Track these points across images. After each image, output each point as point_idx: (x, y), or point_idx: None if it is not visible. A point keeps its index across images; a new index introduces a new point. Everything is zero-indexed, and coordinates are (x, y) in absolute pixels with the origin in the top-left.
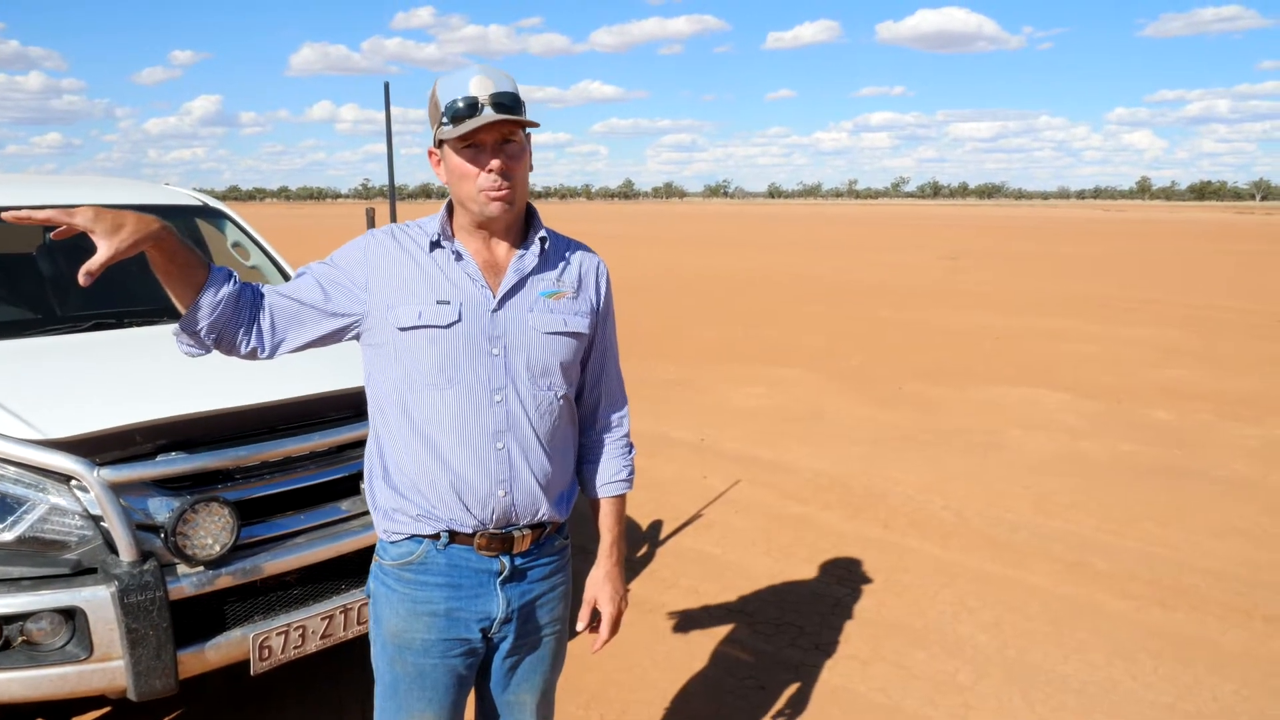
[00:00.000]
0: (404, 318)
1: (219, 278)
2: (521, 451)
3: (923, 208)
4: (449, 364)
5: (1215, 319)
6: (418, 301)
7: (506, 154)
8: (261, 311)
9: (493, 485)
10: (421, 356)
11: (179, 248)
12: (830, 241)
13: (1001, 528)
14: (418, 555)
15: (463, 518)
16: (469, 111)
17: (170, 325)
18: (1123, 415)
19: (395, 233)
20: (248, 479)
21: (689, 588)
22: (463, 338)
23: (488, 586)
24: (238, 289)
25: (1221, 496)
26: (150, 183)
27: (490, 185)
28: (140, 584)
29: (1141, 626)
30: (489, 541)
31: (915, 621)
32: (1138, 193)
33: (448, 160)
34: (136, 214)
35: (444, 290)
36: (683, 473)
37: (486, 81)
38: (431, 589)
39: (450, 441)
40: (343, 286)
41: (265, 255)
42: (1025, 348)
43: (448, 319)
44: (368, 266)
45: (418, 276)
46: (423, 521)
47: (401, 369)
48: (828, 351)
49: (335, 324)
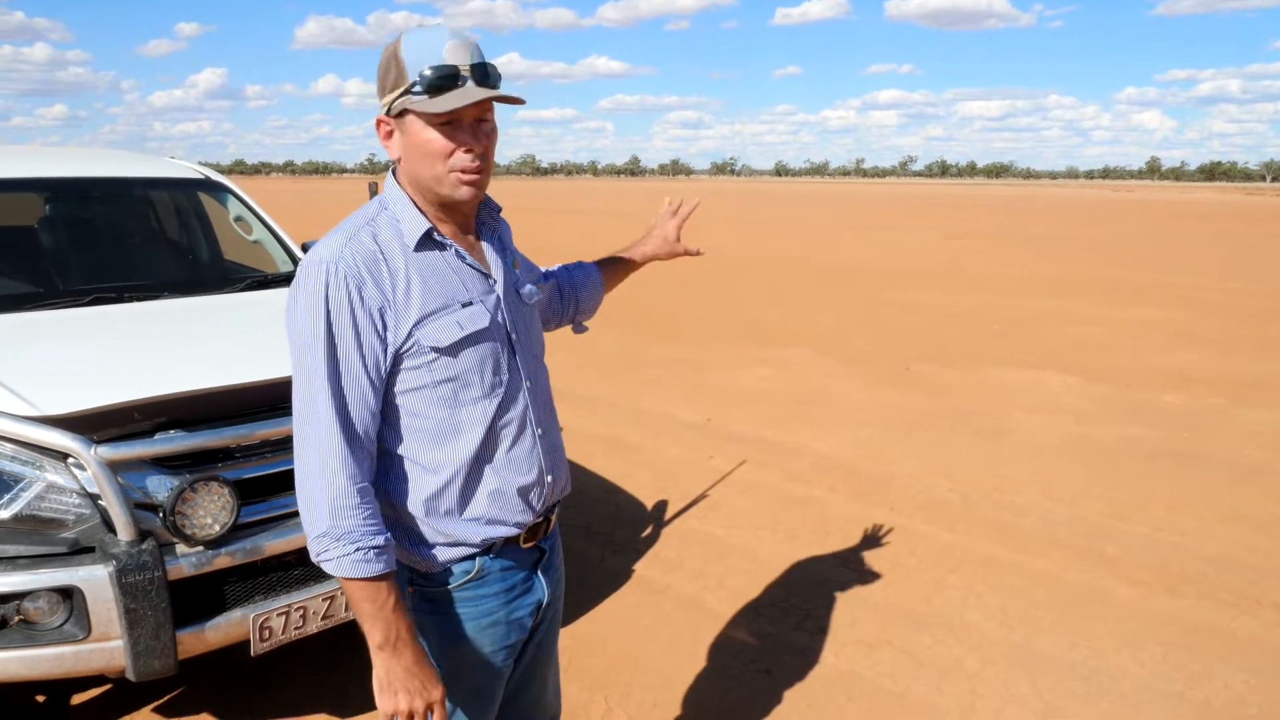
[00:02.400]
0: (444, 334)
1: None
2: (551, 431)
3: (930, 186)
4: (496, 367)
5: (1225, 302)
6: (447, 312)
7: (484, 132)
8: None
9: (542, 474)
10: (469, 369)
11: None
12: (837, 221)
13: (1009, 512)
14: (475, 572)
15: (524, 516)
16: (448, 83)
17: (173, 300)
18: (1131, 399)
19: (364, 247)
20: (247, 457)
21: (694, 569)
22: (497, 335)
23: (532, 578)
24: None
25: (1231, 482)
26: (154, 156)
27: (466, 166)
28: (138, 564)
29: (1150, 614)
30: (535, 532)
31: (921, 606)
32: (1147, 173)
33: (411, 134)
34: None
35: (459, 290)
36: (688, 454)
37: (462, 49)
38: (489, 600)
39: (504, 448)
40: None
41: (268, 230)
42: (1033, 330)
43: (484, 320)
44: (379, 296)
45: (430, 284)
46: (486, 537)
47: (445, 393)
48: (835, 333)
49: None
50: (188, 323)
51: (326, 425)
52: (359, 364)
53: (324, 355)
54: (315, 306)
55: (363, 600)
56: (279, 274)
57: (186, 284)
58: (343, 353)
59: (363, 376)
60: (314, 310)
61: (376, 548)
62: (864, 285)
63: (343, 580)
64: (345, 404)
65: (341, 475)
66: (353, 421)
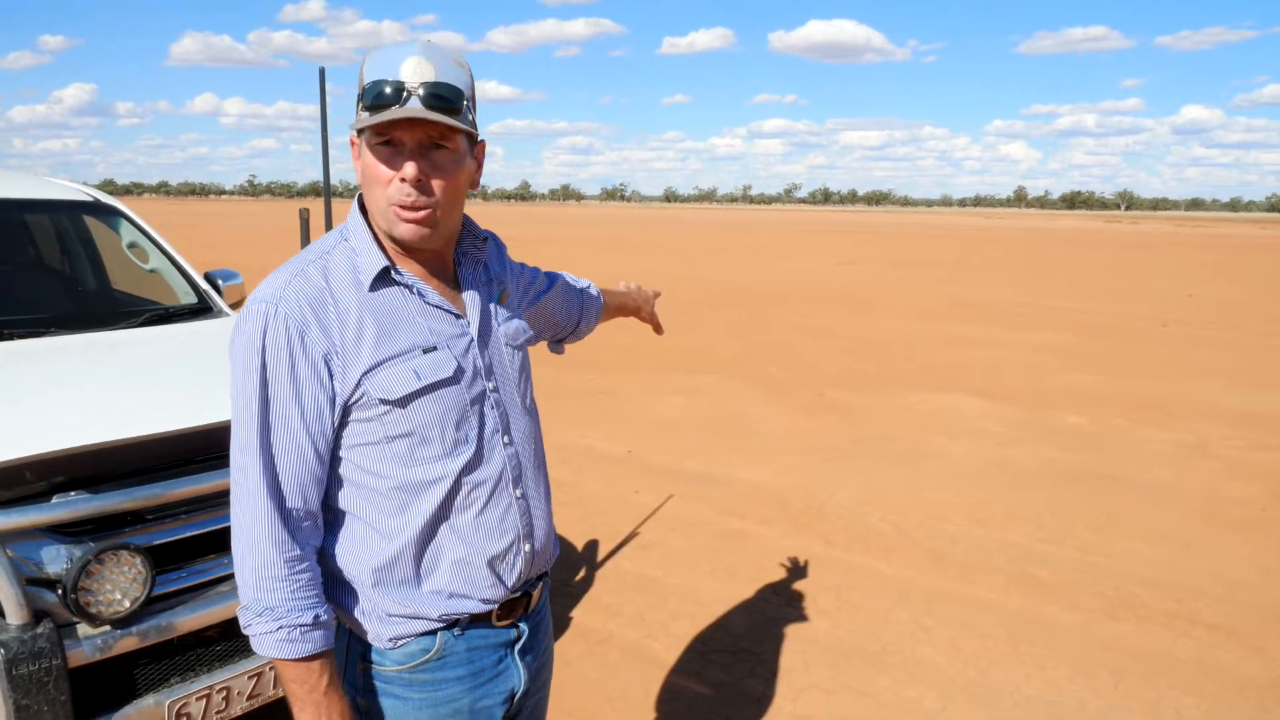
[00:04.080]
0: (396, 385)
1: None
2: (536, 493)
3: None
4: (461, 421)
5: (1104, 324)
6: (403, 359)
7: (431, 161)
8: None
9: (519, 543)
10: (427, 425)
11: None
12: (730, 246)
13: (942, 540)
14: (435, 651)
15: (493, 591)
16: (389, 99)
17: (61, 337)
18: (1039, 421)
19: (309, 286)
20: (161, 519)
21: (635, 615)
22: (465, 385)
23: (506, 660)
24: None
25: (1146, 502)
26: (32, 175)
27: (400, 198)
28: (32, 651)
29: (1095, 640)
30: (510, 610)
31: (872, 644)
32: (1015, 201)
33: (362, 156)
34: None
35: (422, 334)
36: (612, 489)
37: (424, 66)
38: (452, 685)
39: (472, 512)
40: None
41: (165, 256)
42: (935, 353)
43: (448, 368)
44: (321, 344)
45: (385, 326)
46: (446, 613)
47: (400, 449)
48: (743, 358)
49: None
50: (83, 363)
51: (256, 486)
52: (297, 419)
53: (257, 408)
54: (250, 353)
55: (291, 680)
56: (180, 306)
57: (75, 319)
58: (278, 406)
59: (301, 433)
60: (249, 357)
61: (303, 625)
62: (765, 310)
63: (272, 659)
64: (277, 463)
65: (267, 543)
66: (285, 483)
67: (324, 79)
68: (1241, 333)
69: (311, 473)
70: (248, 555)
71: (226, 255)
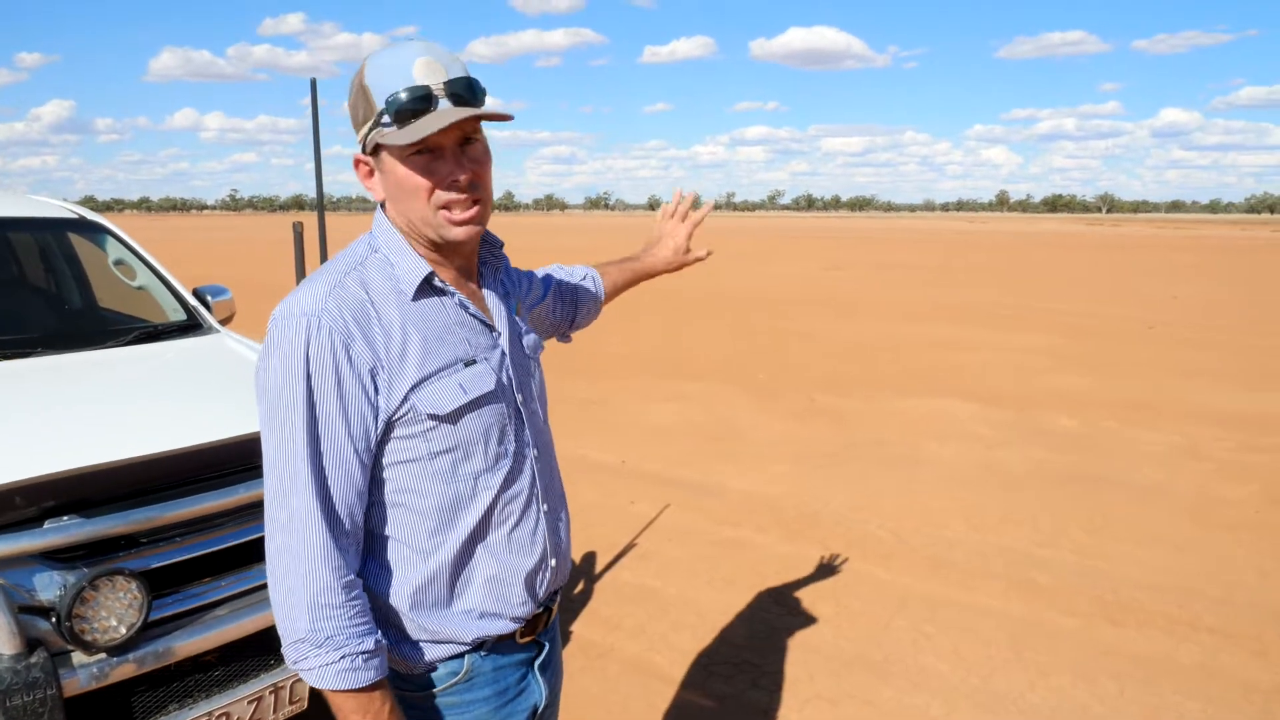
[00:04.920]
0: (445, 399)
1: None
2: (559, 507)
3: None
4: (502, 435)
5: (1090, 326)
6: (449, 373)
7: (470, 158)
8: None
9: (546, 558)
10: (472, 439)
11: None
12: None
13: (939, 545)
14: (464, 672)
15: (524, 609)
16: (420, 106)
17: (49, 357)
18: (1030, 423)
19: (351, 297)
20: (157, 542)
21: (635, 628)
22: (503, 398)
23: (528, 678)
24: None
25: (1138, 503)
26: (13, 192)
27: (456, 201)
28: (26, 681)
29: (1096, 645)
30: (534, 625)
31: (875, 653)
32: (997, 205)
33: (389, 171)
34: None
35: (462, 347)
36: (608, 499)
37: (435, 65)
38: (478, 706)
39: (506, 528)
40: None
41: (153, 273)
42: (922, 356)
43: (490, 382)
44: (373, 354)
45: (429, 340)
46: (478, 635)
47: (443, 465)
48: (732, 363)
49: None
50: (71, 384)
51: (306, 509)
52: (344, 436)
53: (303, 426)
54: (293, 368)
55: (351, 713)
56: (169, 323)
57: (62, 338)
58: (326, 423)
59: (349, 450)
60: (291, 373)
61: (365, 652)
62: (753, 315)
63: (327, 692)
64: (328, 484)
65: (324, 569)
66: (337, 504)
67: (316, 91)
68: (1227, 334)
69: (359, 492)
70: (299, 584)
71: (213, 270)
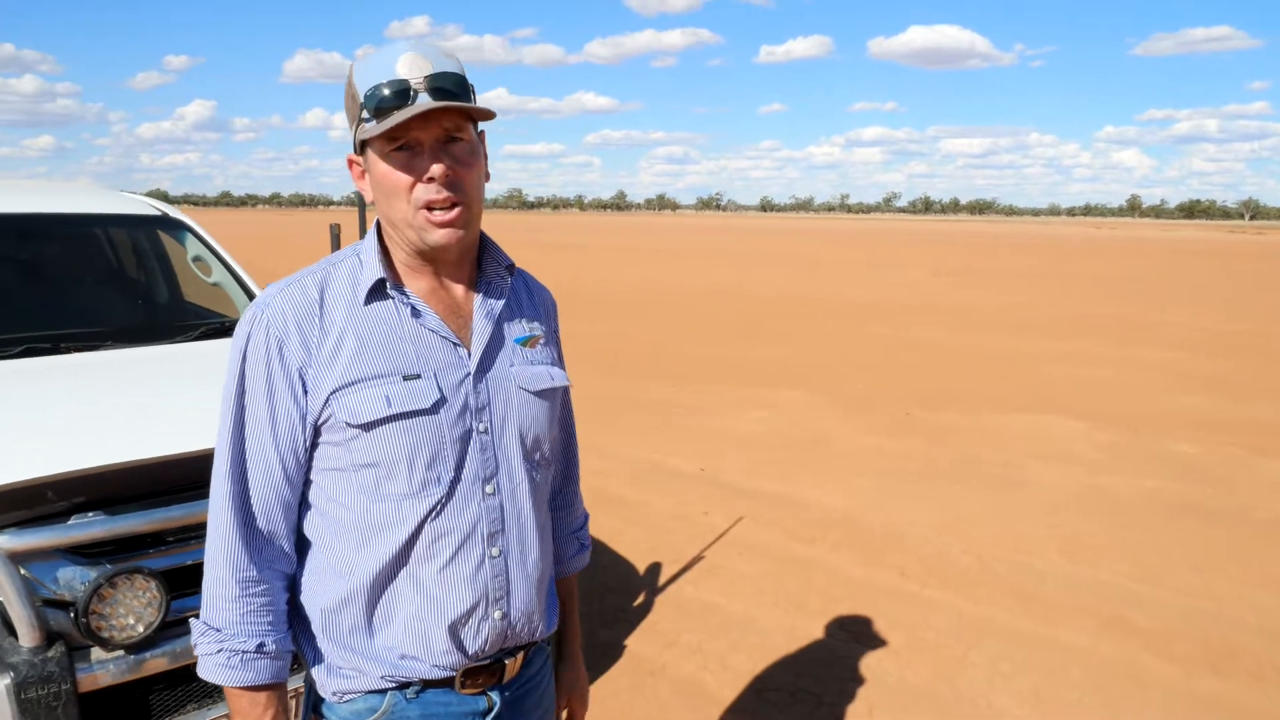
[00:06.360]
0: (364, 409)
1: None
2: (519, 555)
3: (914, 223)
4: (434, 460)
5: (1224, 342)
6: (378, 382)
7: (452, 156)
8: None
9: (488, 606)
10: (394, 457)
11: None
12: (823, 257)
13: (1028, 575)
14: (382, 712)
15: (449, 658)
16: (397, 100)
17: (115, 350)
18: (1143, 447)
19: (300, 297)
20: (178, 542)
21: (693, 645)
22: (446, 421)
23: None
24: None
25: (1261, 540)
26: (108, 189)
27: (434, 199)
28: (43, 675)
29: (1195, 697)
30: (475, 678)
31: (944, 689)
32: (1128, 210)
33: (371, 169)
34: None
35: (407, 359)
36: (681, 508)
37: (420, 60)
38: None
39: (435, 563)
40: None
41: (227, 270)
42: (1033, 371)
43: (426, 399)
44: (296, 357)
45: (367, 345)
46: (393, 674)
47: (366, 480)
48: (828, 372)
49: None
50: (128, 378)
51: (221, 500)
52: (268, 433)
53: (232, 419)
54: (234, 362)
55: (235, 712)
56: (238, 319)
57: (134, 332)
58: (251, 420)
59: (270, 451)
60: (232, 366)
61: (245, 651)
62: (855, 323)
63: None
64: (247, 478)
65: (223, 561)
66: (253, 500)
67: None
68: None
69: (278, 493)
70: (207, 572)
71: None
